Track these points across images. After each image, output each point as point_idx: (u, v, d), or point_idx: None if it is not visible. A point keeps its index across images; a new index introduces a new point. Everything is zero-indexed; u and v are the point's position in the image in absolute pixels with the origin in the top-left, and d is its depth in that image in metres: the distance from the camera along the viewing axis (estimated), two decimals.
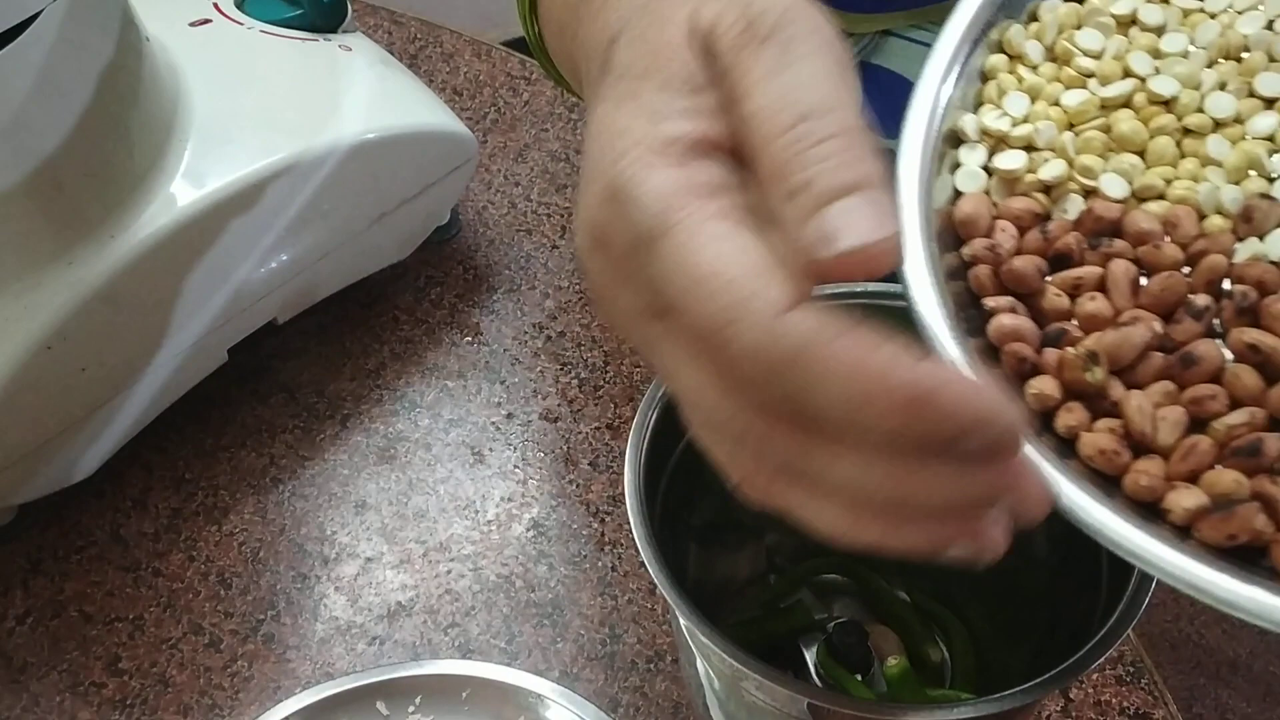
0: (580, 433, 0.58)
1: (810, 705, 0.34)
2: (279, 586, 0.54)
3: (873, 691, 0.46)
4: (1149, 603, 0.35)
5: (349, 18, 0.61)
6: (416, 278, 0.65)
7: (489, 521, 0.56)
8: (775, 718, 0.37)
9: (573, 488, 0.57)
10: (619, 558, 0.54)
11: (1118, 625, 0.35)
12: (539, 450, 0.58)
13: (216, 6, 0.58)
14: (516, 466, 0.57)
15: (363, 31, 0.64)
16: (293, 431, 0.59)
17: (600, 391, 0.60)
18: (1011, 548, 0.26)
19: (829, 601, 0.50)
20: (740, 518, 0.49)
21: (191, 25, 0.57)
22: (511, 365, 0.61)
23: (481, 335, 0.62)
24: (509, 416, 0.59)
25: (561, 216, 0.67)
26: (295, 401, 0.60)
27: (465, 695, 0.47)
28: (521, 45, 0.55)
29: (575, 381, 0.60)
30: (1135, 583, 0.35)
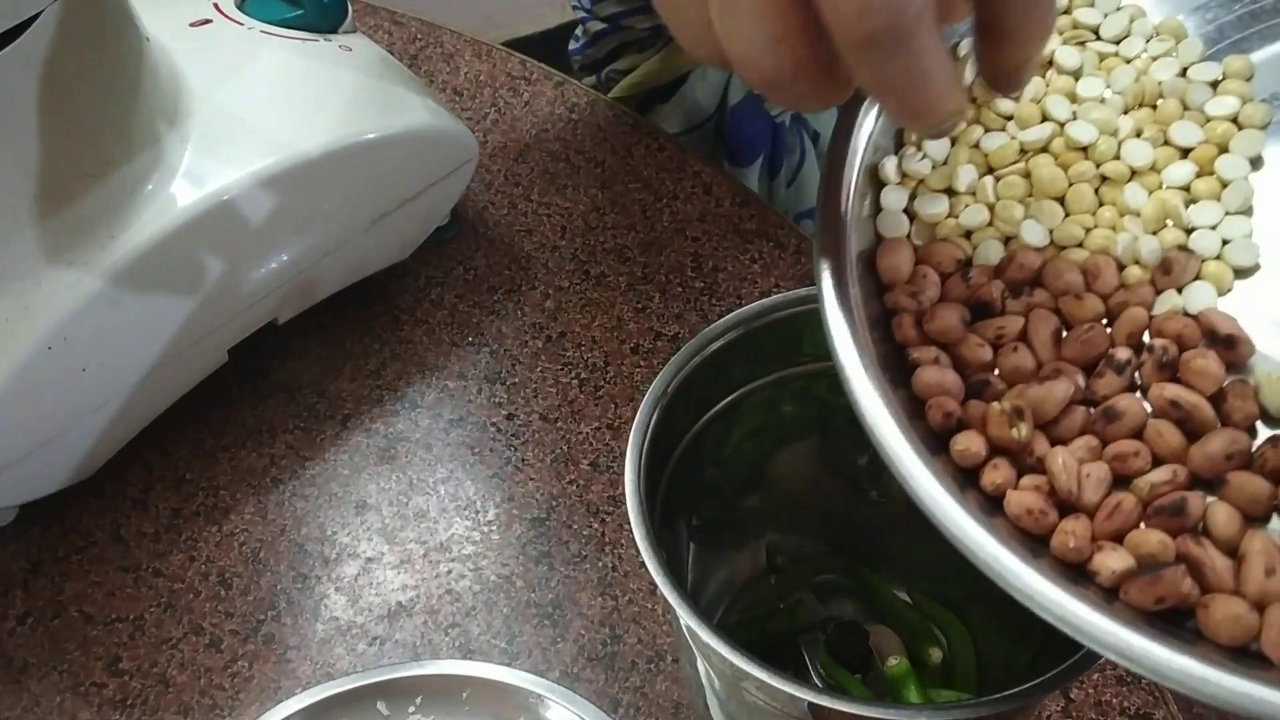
0: (580, 433, 0.58)
1: (810, 705, 0.34)
2: (279, 587, 0.54)
3: (873, 692, 0.46)
4: None
5: (349, 18, 0.61)
6: (416, 278, 0.65)
7: (489, 522, 0.56)
8: (775, 718, 0.37)
9: (573, 488, 0.57)
10: (619, 558, 0.54)
11: None
12: (539, 450, 0.58)
13: (216, 7, 0.58)
14: (517, 467, 0.57)
15: (363, 32, 0.64)
16: (293, 432, 0.59)
17: (600, 391, 0.60)
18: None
19: (829, 601, 0.50)
20: (740, 518, 0.49)
21: (191, 25, 0.57)
22: (512, 365, 0.61)
23: (482, 335, 0.62)
24: (509, 417, 0.59)
25: (562, 217, 0.67)
26: (295, 402, 0.60)
27: (466, 695, 0.47)
28: (521, 45, 0.55)
29: (575, 382, 0.60)
30: None
